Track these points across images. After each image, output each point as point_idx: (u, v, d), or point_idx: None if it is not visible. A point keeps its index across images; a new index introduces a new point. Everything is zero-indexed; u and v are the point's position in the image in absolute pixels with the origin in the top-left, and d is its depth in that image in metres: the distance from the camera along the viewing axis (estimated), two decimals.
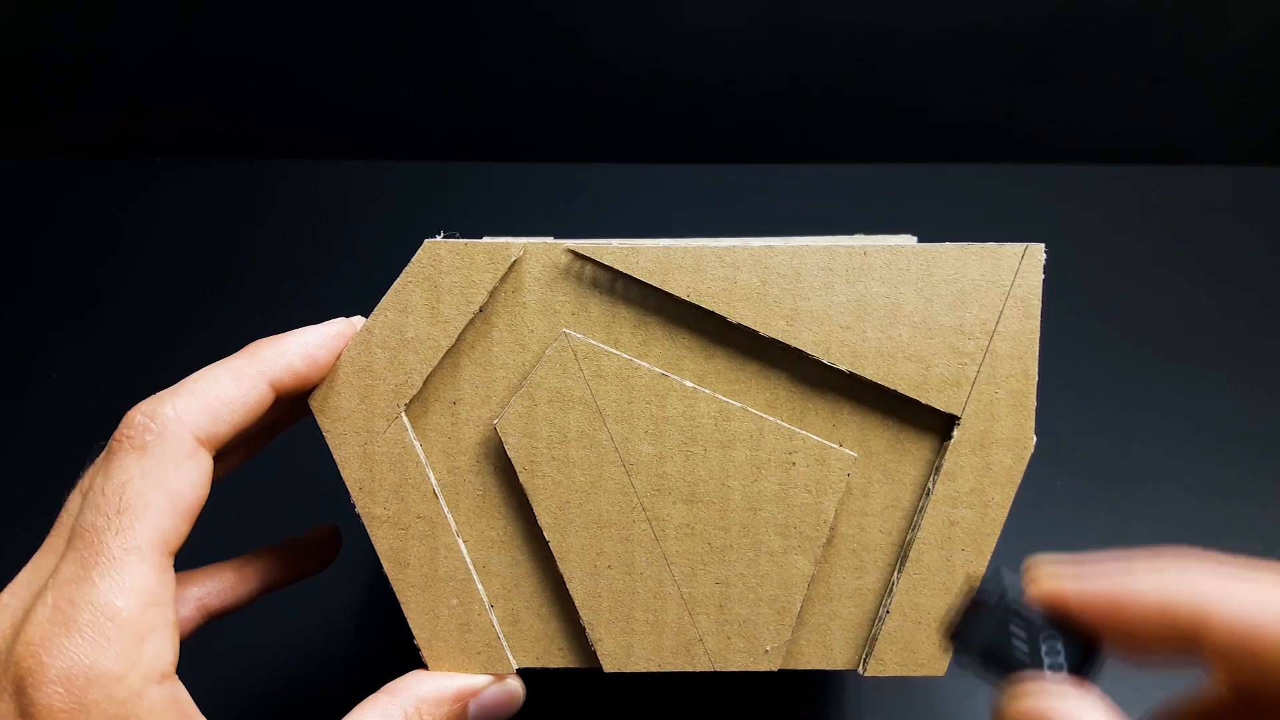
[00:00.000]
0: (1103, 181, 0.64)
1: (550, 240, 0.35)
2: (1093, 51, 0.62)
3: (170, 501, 0.30)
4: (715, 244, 0.35)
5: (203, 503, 0.31)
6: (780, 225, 0.55)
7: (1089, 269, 0.60)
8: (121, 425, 0.31)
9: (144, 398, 0.32)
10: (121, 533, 0.29)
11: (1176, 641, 0.20)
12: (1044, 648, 0.22)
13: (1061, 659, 0.22)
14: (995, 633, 0.23)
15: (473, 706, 0.35)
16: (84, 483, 0.33)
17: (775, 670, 0.36)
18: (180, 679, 0.29)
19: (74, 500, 0.32)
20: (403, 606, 0.36)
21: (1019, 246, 0.35)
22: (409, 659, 0.36)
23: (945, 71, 0.62)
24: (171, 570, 0.30)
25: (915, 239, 0.36)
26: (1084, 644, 0.22)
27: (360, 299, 0.38)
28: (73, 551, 0.29)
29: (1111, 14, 0.60)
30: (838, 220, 0.61)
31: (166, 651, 0.29)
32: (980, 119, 0.65)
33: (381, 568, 0.36)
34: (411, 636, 0.36)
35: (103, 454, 0.31)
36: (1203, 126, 0.65)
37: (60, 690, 0.26)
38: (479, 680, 0.35)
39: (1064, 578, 0.23)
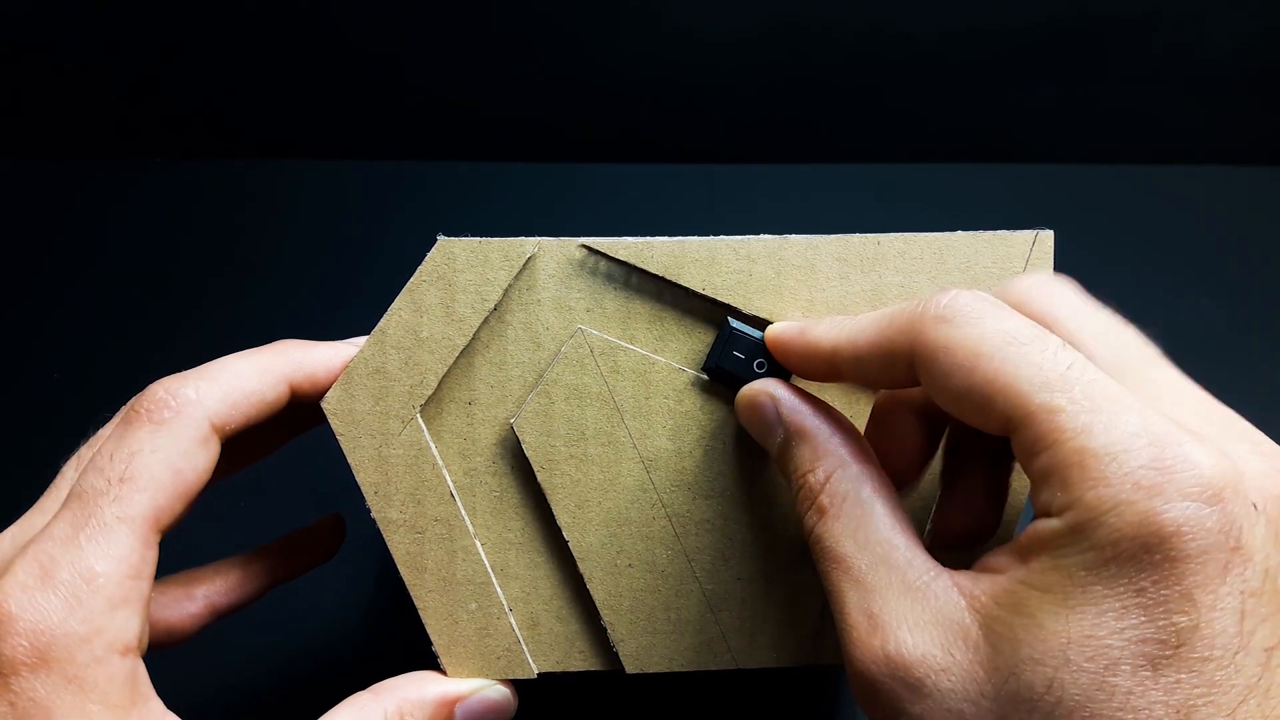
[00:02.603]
0: (1103, 181, 0.64)
1: (564, 237, 0.35)
2: (1093, 51, 0.62)
3: (173, 480, 0.30)
4: (729, 238, 0.35)
5: (203, 488, 0.31)
6: (781, 225, 0.55)
7: (1089, 269, 0.60)
8: (142, 397, 0.31)
9: None
10: (118, 500, 0.29)
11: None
12: (754, 363, 0.34)
13: (766, 368, 0.34)
14: (726, 355, 0.34)
15: (459, 712, 0.34)
16: (83, 452, 0.33)
17: (799, 666, 0.36)
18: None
19: (69, 467, 0.33)
20: (420, 612, 0.35)
21: (1030, 234, 0.35)
22: (419, 657, 0.35)
23: (946, 71, 0.62)
24: (157, 547, 0.30)
25: None
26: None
27: (369, 299, 0.37)
28: (67, 510, 0.29)
29: (1111, 14, 0.60)
30: (839, 220, 0.61)
31: (134, 626, 0.29)
32: (980, 119, 0.65)
33: (389, 562, 0.35)
34: (420, 636, 0.35)
35: (118, 420, 0.32)
36: (1203, 126, 0.65)
37: (25, 644, 0.26)
38: (465, 685, 0.34)
39: (774, 328, 0.33)
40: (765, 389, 0.32)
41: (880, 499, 0.28)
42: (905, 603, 0.26)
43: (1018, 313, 0.26)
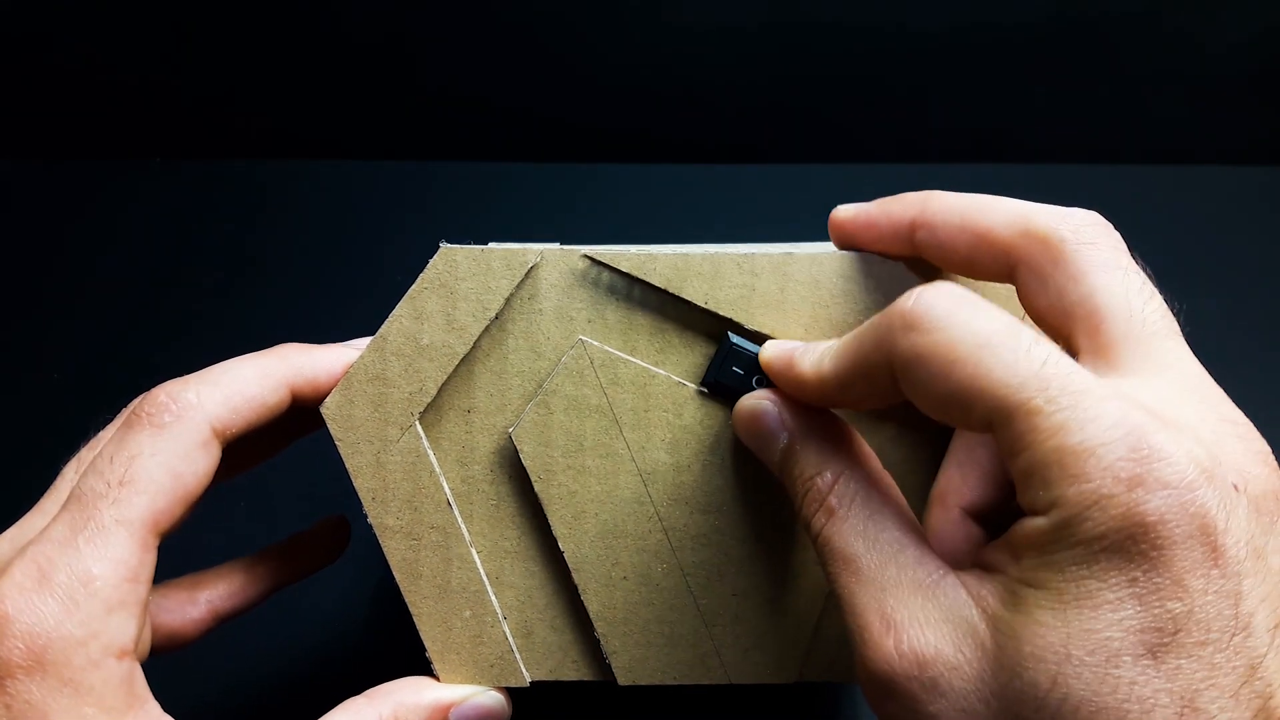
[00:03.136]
0: (1103, 181, 0.64)
1: (567, 246, 0.35)
2: (1093, 51, 0.62)
3: (173, 484, 0.30)
4: (732, 250, 0.34)
5: (203, 492, 0.31)
6: (781, 225, 0.55)
7: None
8: (143, 400, 0.31)
9: None
10: (118, 503, 0.29)
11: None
12: (753, 379, 0.33)
13: (765, 382, 0.33)
14: (725, 370, 0.34)
15: (453, 717, 0.34)
16: (83, 454, 0.33)
17: (791, 683, 0.36)
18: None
19: (70, 469, 0.33)
20: (415, 619, 0.35)
21: None
22: (417, 663, 0.35)
23: (946, 71, 0.62)
24: (155, 551, 0.30)
25: None
26: None
27: (371, 300, 0.37)
28: (66, 513, 0.29)
29: (1112, 13, 0.60)
30: None
31: (130, 629, 0.29)
32: (981, 118, 0.64)
33: (388, 568, 0.35)
34: (418, 642, 0.35)
35: (119, 423, 0.32)
36: (1203, 126, 0.65)
37: (21, 646, 0.27)
38: (460, 691, 0.35)
39: (765, 352, 0.33)
40: (768, 396, 0.32)
41: (888, 501, 0.28)
42: (917, 601, 0.26)
43: (988, 305, 0.25)
